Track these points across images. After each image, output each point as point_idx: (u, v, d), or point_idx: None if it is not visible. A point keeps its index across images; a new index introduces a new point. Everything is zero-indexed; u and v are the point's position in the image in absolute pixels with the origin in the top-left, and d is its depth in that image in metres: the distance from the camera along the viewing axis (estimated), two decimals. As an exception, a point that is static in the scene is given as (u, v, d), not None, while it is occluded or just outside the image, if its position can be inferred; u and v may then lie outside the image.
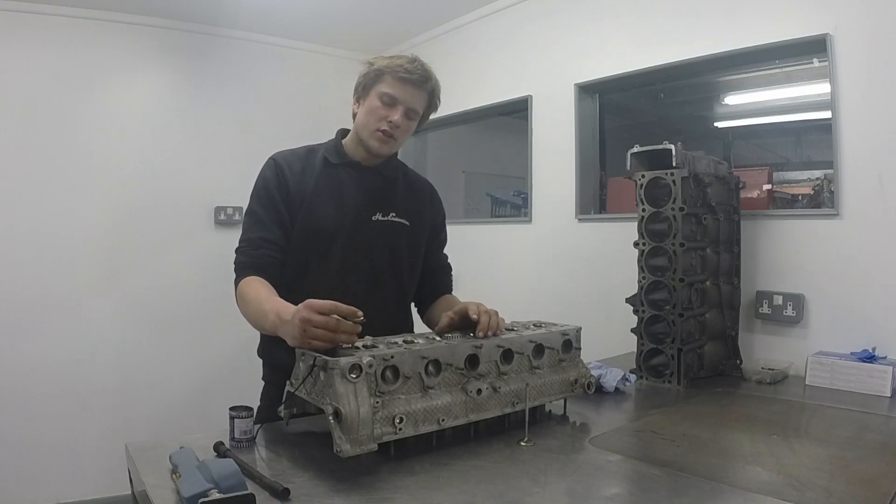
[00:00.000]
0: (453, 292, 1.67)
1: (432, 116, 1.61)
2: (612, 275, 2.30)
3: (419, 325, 1.61)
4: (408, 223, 1.54)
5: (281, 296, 1.42)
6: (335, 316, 1.06)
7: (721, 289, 1.82)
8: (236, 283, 1.41)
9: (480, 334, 1.20)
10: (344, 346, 1.07)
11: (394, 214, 1.51)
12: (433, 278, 1.64)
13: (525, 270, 2.87)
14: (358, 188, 1.49)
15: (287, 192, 1.45)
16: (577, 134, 2.67)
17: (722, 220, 1.82)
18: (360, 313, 1.08)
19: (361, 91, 1.48)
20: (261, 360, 1.55)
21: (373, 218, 1.49)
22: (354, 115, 1.51)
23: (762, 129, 2.72)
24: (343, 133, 1.57)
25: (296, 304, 1.39)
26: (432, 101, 1.51)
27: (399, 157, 1.64)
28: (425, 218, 1.60)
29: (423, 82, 1.45)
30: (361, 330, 1.10)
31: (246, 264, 1.40)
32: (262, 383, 1.55)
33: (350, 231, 1.46)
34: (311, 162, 1.50)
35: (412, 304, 1.66)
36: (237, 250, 1.44)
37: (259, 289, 1.35)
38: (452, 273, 1.70)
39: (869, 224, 1.78)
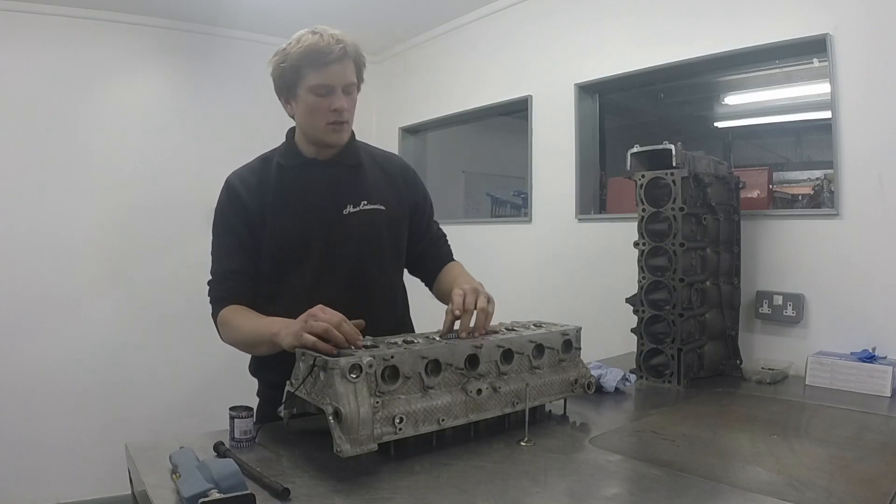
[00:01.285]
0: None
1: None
2: (612, 275, 2.30)
3: (416, 314, 1.59)
4: (384, 207, 1.45)
5: (259, 309, 1.40)
6: (337, 319, 1.07)
7: (721, 289, 1.82)
8: (214, 315, 1.38)
9: (463, 335, 1.18)
10: (341, 348, 1.07)
11: (366, 202, 1.43)
12: (431, 253, 1.58)
13: (525, 270, 2.87)
14: (321, 185, 1.42)
15: (245, 211, 1.38)
16: (577, 134, 2.67)
17: (722, 220, 1.82)
18: (361, 341, 1.09)
19: (287, 92, 1.38)
20: (255, 379, 1.53)
21: (344, 212, 1.41)
22: (292, 116, 1.43)
23: (762, 129, 2.72)
24: (292, 133, 1.48)
25: (277, 315, 1.37)
26: (359, 61, 1.39)
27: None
28: (402, 197, 1.51)
29: (343, 55, 1.33)
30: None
31: (218, 298, 1.38)
32: (257, 397, 1.51)
33: (323, 232, 1.39)
34: (266, 172, 1.43)
35: (420, 285, 1.61)
36: (208, 283, 1.42)
37: (246, 313, 1.33)
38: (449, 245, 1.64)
39: (869, 224, 1.78)
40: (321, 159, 1.44)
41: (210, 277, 1.42)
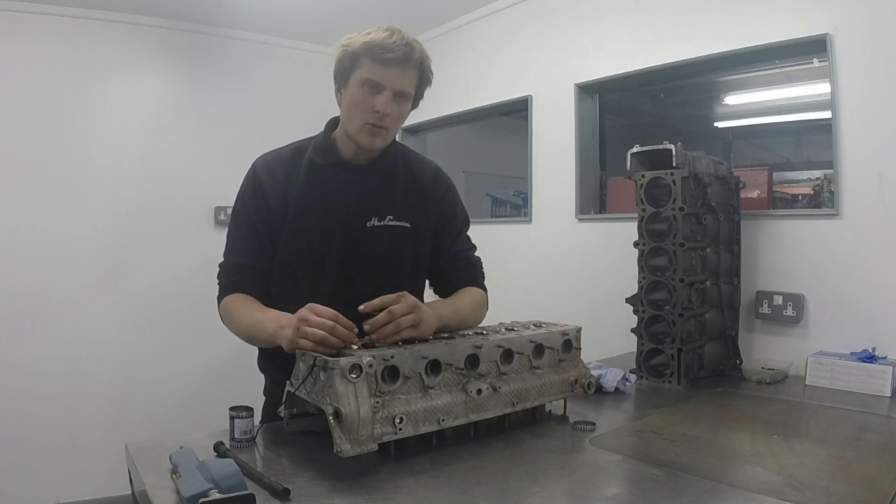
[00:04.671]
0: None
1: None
2: (612, 275, 2.30)
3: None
4: (409, 225, 1.38)
5: (272, 305, 1.36)
6: (330, 322, 1.05)
7: (721, 289, 1.82)
8: (218, 300, 1.37)
9: (367, 327, 1.11)
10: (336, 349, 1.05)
11: (391, 217, 1.36)
12: (448, 273, 1.46)
13: (525, 270, 2.87)
14: (349, 192, 1.35)
15: (266, 207, 1.34)
16: (577, 134, 2.67)
17: (722, 220, 1.82)
18: (355, 335, 1.07)
19: (340, 79, 1.32)
20: (260, 377, 1.50)
21: (368, 224, 1.35)
22: (340, 105, 1.36)
23: (762, 129, 2.72)
24: (333, 124, 1.40)
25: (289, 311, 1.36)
26: (423, 74, 1.32)
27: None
28: (428, 211, 1.42)
29: (406, 59, 1.26)
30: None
31: (225, 286, 1.37)
32: (261, 394, 1.49)
33: (342, 243, 1.33)
34: (296, 165, 1.36)
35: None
36: (219, 266, 1.39)
37: (247, 303, 1.31)
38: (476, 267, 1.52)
39: (869, 224, 1.78)
40: (355, 163, 1.38)
41: (222, 260, 1.39)
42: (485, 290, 1.51)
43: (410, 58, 1.27)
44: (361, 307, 1.11)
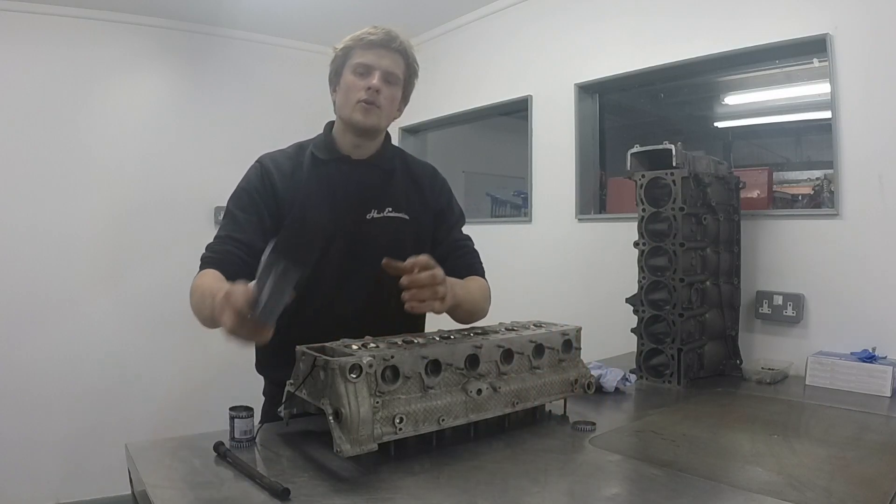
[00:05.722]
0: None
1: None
2: (612, 275, 2.30)
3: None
4: (408, 217, 1.43)
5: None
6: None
7: (721, 289, 1.82)
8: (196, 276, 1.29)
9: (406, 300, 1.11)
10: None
11: (390, 209, 1.41)
12: (448, 264, 1.41)
13: (525, 270, 2.87)
14: (350, 185, 1.40)
15: (275, 197, 1.36)
16: (577, 134, 2.67)
17: (722, 220, 1.82)
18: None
19: (335, 77, 1.42)
20: (260, 377, 1.49)
21: (367, 216, 1.40)
22: (335, 103, 1.44)
23: (762, 129, 2.72)
24: (331, 125, 1.47)
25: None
26: (408, 62, 1.42)
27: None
28: (427, 206, 1.48)
29: (389, 42, 1.37)
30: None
31: (206, 259, 1.32)
32: (261, 394, 1.49)
33: (345, 233, 1.37)
34: (299, 161, 1.41)
35: None
36: (206, 247, 1.35)
37: (207, 278, 1.24)
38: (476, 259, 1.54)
39: (869, 224, 1.78)
40: (355, 158, 1.43)
41: (208, 243, 1.35)
42: (487, 282, 1.53)
43: (393, 41, 1.38)
44: (384, 262, 1.12)
